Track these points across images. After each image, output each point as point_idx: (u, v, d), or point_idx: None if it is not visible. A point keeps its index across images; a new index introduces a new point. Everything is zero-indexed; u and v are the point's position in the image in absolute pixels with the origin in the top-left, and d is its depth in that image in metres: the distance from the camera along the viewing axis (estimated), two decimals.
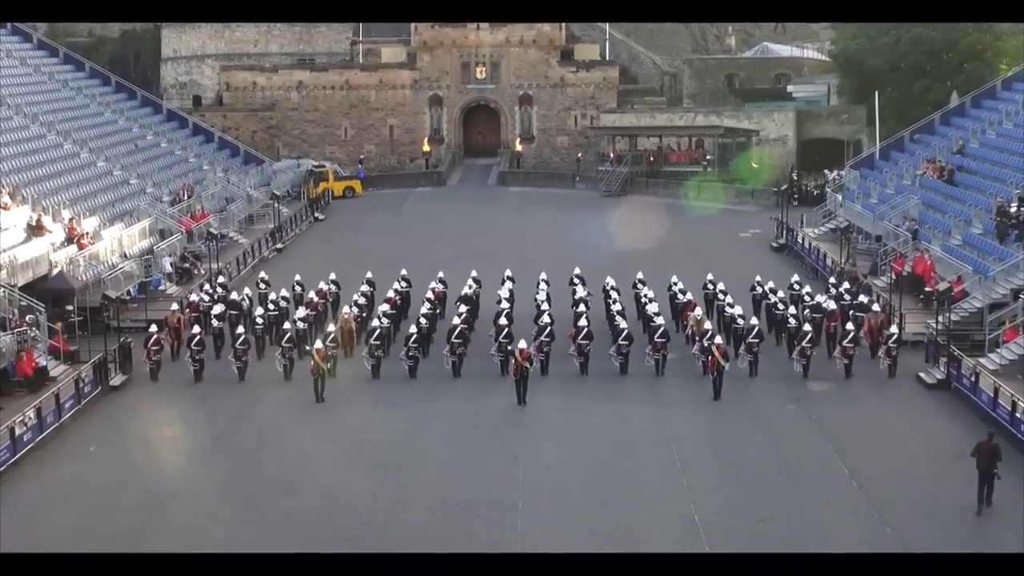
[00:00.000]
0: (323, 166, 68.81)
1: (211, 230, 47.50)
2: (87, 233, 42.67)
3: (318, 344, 31.75)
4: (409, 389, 32.07)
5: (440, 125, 76.13)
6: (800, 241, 49.16)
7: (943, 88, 63.95)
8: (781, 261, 45.93)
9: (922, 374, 32.19)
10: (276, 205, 56.25)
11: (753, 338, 33.03)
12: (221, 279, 42.32)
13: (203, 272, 44.60)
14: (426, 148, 74.86)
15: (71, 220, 42.73)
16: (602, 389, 31.78)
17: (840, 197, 52.91)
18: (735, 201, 63.43)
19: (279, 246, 52.32)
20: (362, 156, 74.93)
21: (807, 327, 33.49)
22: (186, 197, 53.54)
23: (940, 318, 33.02)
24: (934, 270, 39.20)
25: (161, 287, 42.53)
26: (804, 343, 32.76)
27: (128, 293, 40.27)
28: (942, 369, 31.82)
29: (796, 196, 59.71)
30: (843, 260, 44.06)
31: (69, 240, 41.42)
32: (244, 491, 24.83)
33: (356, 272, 40.85)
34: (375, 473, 25.68)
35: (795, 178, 63.11)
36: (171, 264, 44.28)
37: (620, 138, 71.63)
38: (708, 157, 69.22)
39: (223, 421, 29.59)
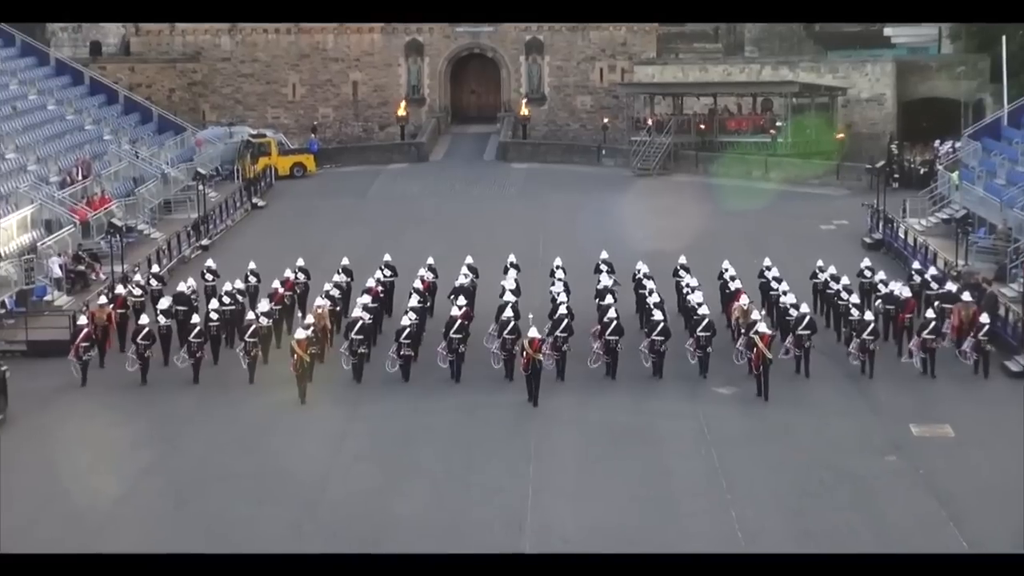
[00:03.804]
0: (264, 135, 68.82)
1: (114, 221, 47.43)
2: None
3: (299, 333, 33.99)
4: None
5: (420, 81, 76.22)
6: (902, 236, 49.10)
7: None
8: (876, 262, 45.82)
9: None
10: (201, 188, 56.23)
11: (803, 329, 34.92)
12: (156, 268, 43.57)
13: (103, 276, 44.58)
14: (401, 112, 74.88)
15: None
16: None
17: (955, 177, 52.82)
18: (815, 182, 63.39)
19: (204, 242, 52.31)
20: (316, 123, 74.97)
21: (869, 316, 35.74)
22: (81, 177, 53.50)
23: None
24: None
25: (47, 296, 42.47)
26: (865, 335, 34.89)
27: (3, 305, 40.20)
28: None
29: (896, 176, 59.64)
30: (959, 261, 44.01)
31: None
32: None
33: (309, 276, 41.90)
34: (335, 547, 25.54)
35: (895, 152, 63.06)
36: (61, 266, 44.21)
37: (661, 98, 71.61)
38: (778, 123, 69.22)
39: (135, 473, 29.49)
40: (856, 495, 28.00)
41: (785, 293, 38.07)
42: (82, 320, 36.51)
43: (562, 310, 36.23)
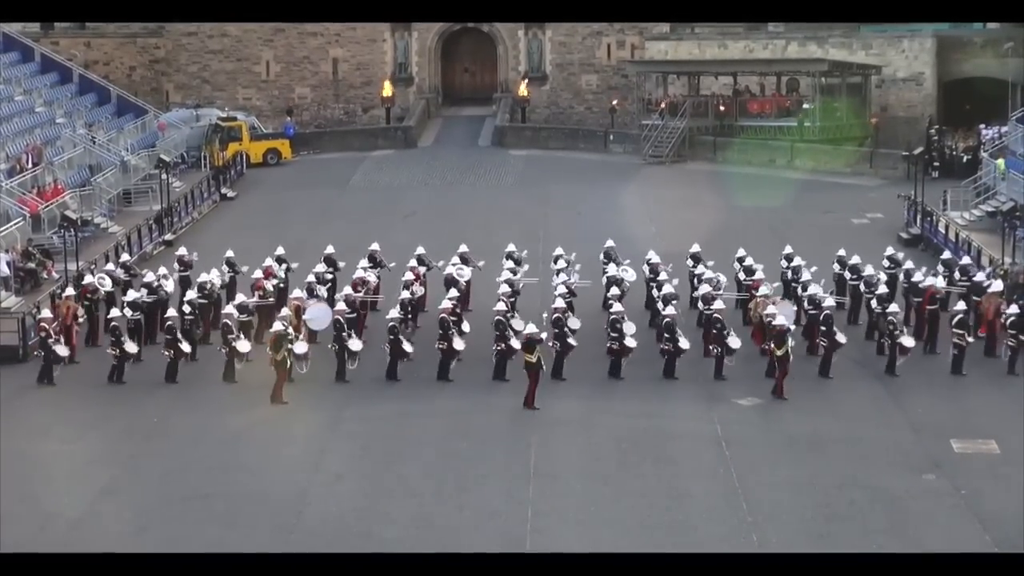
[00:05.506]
0: (234, 119, 68.84)
1: (68, 213, 47.40)
2: None
3: (277, 326, 34.83)
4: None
5: (408, 58, 76.24)
6: (943, 230, 49.12)
7: None
8: (914, 259, 45.84)
9: None
10: (164, 177, 56.24)
11: (823, 325, 35.88)
12: (125, 257, 44.46)
13: (55, 275, 44.61)
14: (387, 92, 74.88)
15: None
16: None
17: (1002, 165, 52.84)
18: (846, 171, 63.41)
19: (168, 237, 52.44)
20: (292, 104, 74.96)
21: (892, 307, 36.83)
22: (31, 165, 53.49)
23: None
24: None
25: None
26: (888, 326, 36.42)
27: None
28: None
29: (936, 164, 59.68)
30: (1006, 258, 44.02)
31: None
32: None
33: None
34: None
35: (935, 137, 63.09)
36: (9, 264, 44.18)
37: (675, 78, 71.66)
38: (806, 106, 69.24)
39: (92, 493, 29.45)
40: (891, 518, 27.99)
41: (806, 287, 38.62)
42: (45, 313, 37.05)
43: (559, 302, 36.61)
